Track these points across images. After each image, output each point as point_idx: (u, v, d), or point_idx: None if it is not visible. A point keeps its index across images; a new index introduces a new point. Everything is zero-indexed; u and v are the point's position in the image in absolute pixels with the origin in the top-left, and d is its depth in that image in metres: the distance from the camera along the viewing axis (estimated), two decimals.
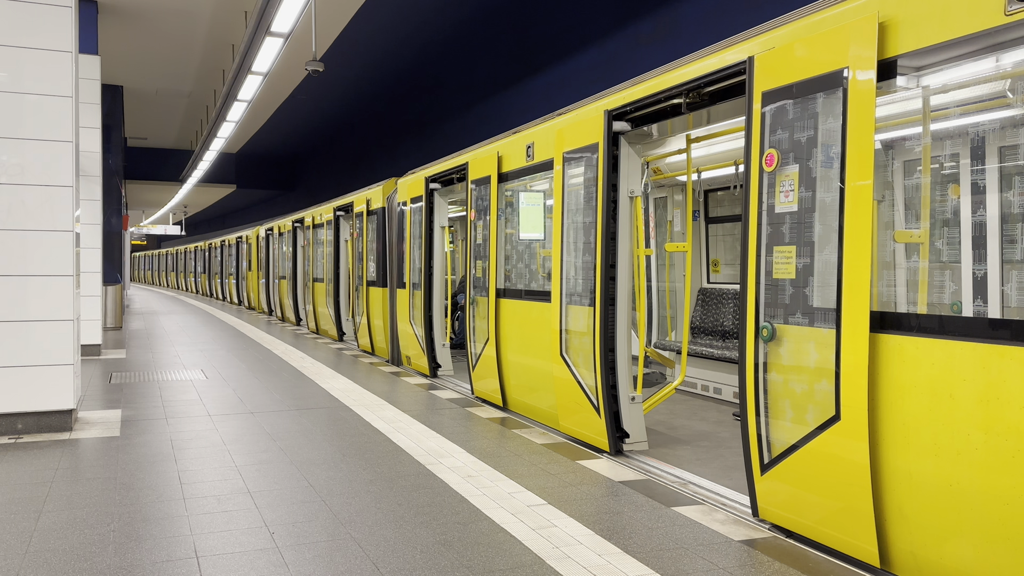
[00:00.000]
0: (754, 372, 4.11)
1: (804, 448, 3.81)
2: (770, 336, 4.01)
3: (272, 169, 32.88)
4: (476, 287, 8.05)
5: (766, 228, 4.08)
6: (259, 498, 4.52)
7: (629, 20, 11.65)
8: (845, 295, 3.55)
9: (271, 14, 9.97)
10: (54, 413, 6.30)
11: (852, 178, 3.55)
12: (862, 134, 3.50)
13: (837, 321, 3.59)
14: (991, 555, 3.02)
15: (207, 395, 8.04)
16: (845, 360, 3.54)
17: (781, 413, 3.97)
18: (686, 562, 3.60)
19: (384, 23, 15.30)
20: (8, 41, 6.14)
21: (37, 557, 3.59)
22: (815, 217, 3.78)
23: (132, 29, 14.03)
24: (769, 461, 4.05)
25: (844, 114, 3.59)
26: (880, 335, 3.42)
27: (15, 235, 6.17)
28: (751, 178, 4.17)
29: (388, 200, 11.47)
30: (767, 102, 4.09)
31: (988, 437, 3.00)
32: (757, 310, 4.09)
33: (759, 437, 4.10)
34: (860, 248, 3.50)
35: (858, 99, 3.52)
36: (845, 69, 3.58)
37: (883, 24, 3.45)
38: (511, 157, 7.37)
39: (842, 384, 3.56)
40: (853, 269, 3.52)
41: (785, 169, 3.99)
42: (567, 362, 6.11)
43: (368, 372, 10.00)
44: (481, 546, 3.78)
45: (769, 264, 4.05)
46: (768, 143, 4.09)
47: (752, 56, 4.21)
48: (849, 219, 3.55)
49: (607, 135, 5.60)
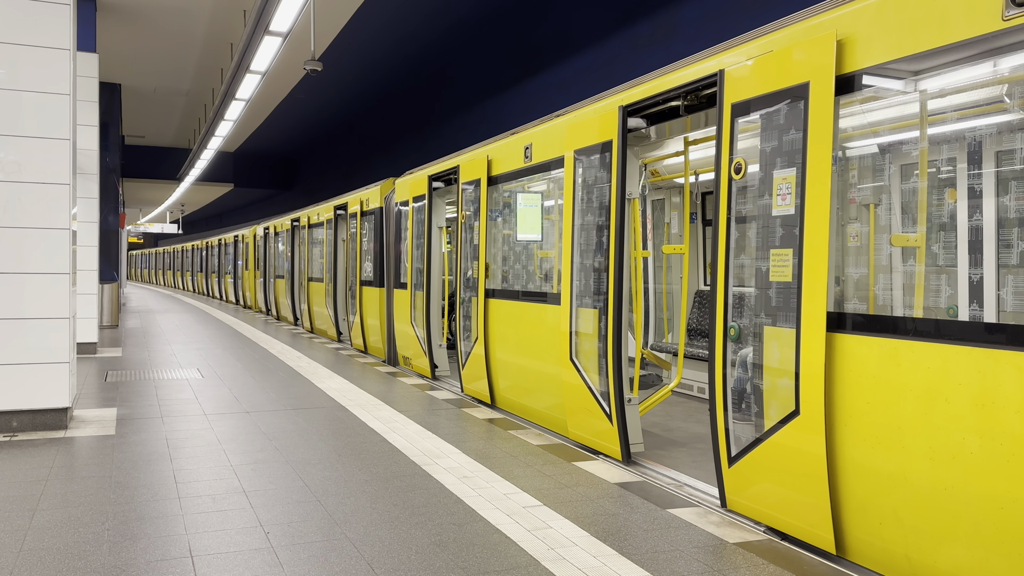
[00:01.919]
0: (723, 369, 4.34)
1: (767, 441, 4.04)
2: (737, 335, 4.27)
3: (270, 168, 32.86)
4: (467, 287, 8.10)
5: (735, 233, 4.33)
6: (254, 498, 4.51)
7: (628, 22, 11.66)
8: (804, 297, 3.78)
9: (270, 13, 9.96)
10: (49, 411, 6.28)
11: (811, 186, 3.78)
12: (821, 144, 3.73)
13: (797, 322, 3.83)
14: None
15: (203, 394, 8.02)
16: (804, 358, 3.77)
17: (747, 407, 4.20)
18: (681, 564, 3.60)
19: (383, 23, 15.30)
20: (6, 38, 6.13)
21: (31, 555, 3.58)
22: (778, 223, 4.00)
23: (130, 27, 14.01)
24: (736, 454, 4.28)
25: (805, 125, 3.83)
26: (835, 334, 3.66)
27: (12, 232, 6.16)
28: (720, 185, 4.41)
29: (386, 200, 11.47)
30: (736, 113, 4.33)
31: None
32: (726, 311, 4.35)
33: (726, 431, 4.34)
34: (818, 253, 3.72)
35: (818, 111, 3.76)
36: (806, 83, 3.84)
37: (841, 41, 3.70)
38: (502, 160, 7.39)
39: (801, 380, 3.79)
40: (811, 272, 3.75)
41: (752, 177, 4.21)
42: (577, 367, 5.92)
43: (365, 372, 9.99)
44: (476, 547, 3.77)
45: (738, 267, 4.32)
46: (737, 152, 4.34)
47: (723, 69, 4.45)
48: (808, 225, 3.79)
49: (621, 132, 5.41)
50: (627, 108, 5.41)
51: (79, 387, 8.34)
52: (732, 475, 4.31)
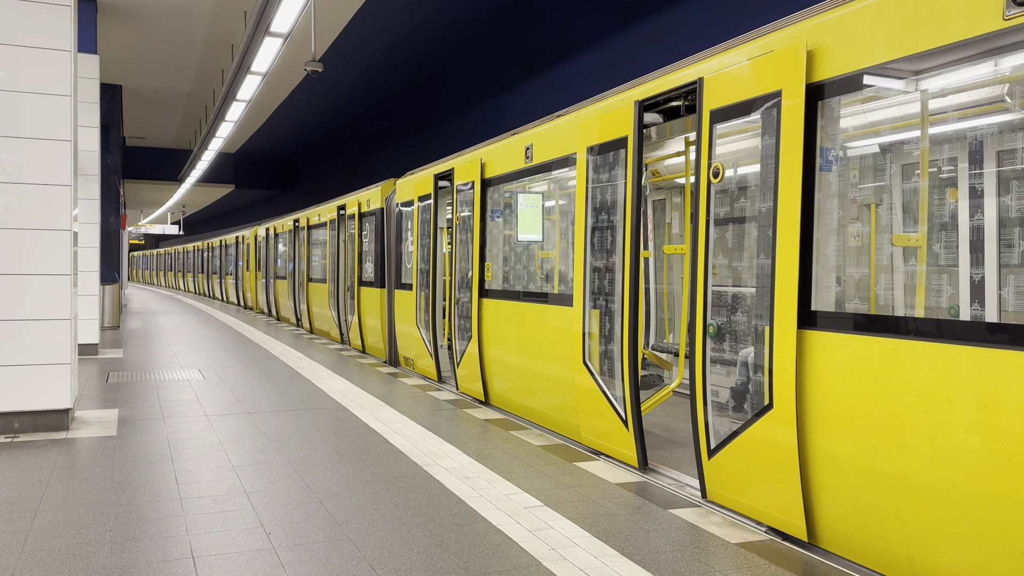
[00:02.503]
0: (702, 366, 4.54)
1: (744, 434, 4.23)
2: (716, 333, 4.51)
3: (271, 169, 32.86)
4: (463, 288, 8.18)
5: (713, 235, 4.57)
6: (256, 498, 4.51)
7: (628, 22, 11.66)
8: (777, 295, 3.98)
9: (270, 14, 9.97)
10: (51, 412, 6.29)
11: (783, 189, 3.96)
12: (792, 150, 3.90)
13: (770, 319, 4.02)
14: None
15: (204, 395, 8.03)
16: (777, 354, 3.96)
17: (725, 402, 4.42)
18: (682, 564, 3.60)
19: (383, 24, 15.30)
20: (7, 40, 6.14)
21: (33, 556, 3.58)
22: (753, 225, 4.20)
23: (131, 28, 14.03)
24: (715, 446, 4.47)
25: (777, 132, 4.01)
26: (805, 331, 3.84)
27: (13, 234, 6.17)
28: (700, 189, 4.60)
29: (387, 201, 11.47)
30: (715, 120, 4.52)
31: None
32: (705, 309, 4.55)
33: (706, 424, 4.52)
34: (789, 252, 3.90)
35: (789, 118, 3.94)
36: (779, 92, 4.02)
37: (811, 52, 3.87)
38: (497, 162, 7.42)
39: (775, 375, 3.98)
40: (783, 271, 3.94)
41: (730, 181, 4.43)
42: (590, 370, 5.76)
43: (365, 373, 9.99)
44: (478, 548, 3.77)
45: (717, 267, 4.55)
46: (715, 157, 4.54)
47: (702, 78, 4.62)
48: (781, 226, 3.97)
49: (637, 127, 5.28)
50: (643, 103, 5.29)
51: (80, 388, 8.35)
52: (712, 467, 4.49)
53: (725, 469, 4.38)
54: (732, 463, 4.32)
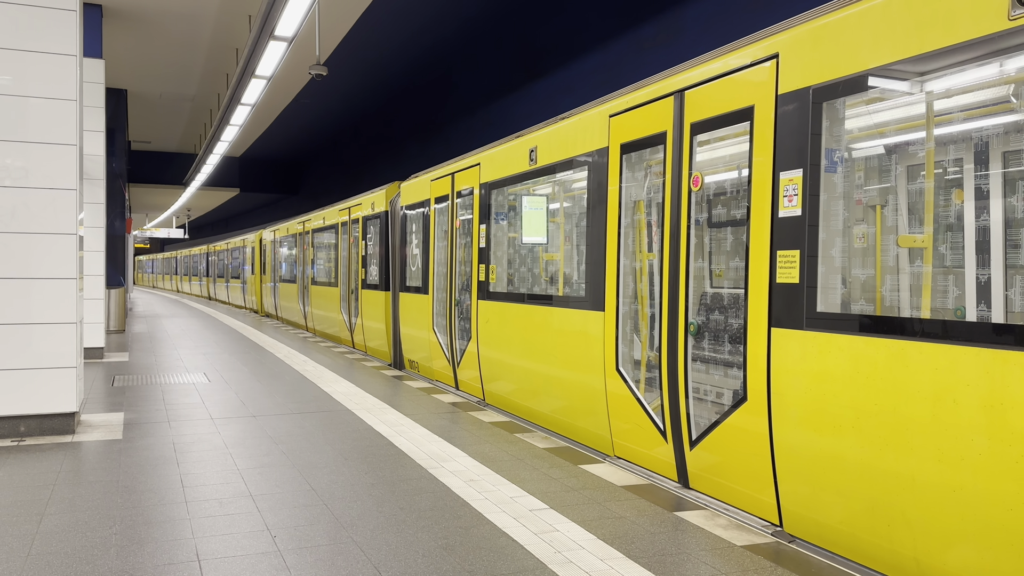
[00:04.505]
0: (684, 362, 4.78)
1: (722, 424, 4.47)
2: (696, 331, 4.77)
3: (276, 172, 32.91)
4: (465, 290, 8.20)
5: (694, 239, 4.76)
6: (261, 501, 4.52)
7: (632, 24, 11.66)
8: (750, 295, 4.20)
9: (275, 18, 9.99)
10: (57, 416, 6.30)
11: (756, 197, 4.15)
12: (765, 161, 4.08)
13: (745, 317, 4.26)
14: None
15: (209, 398, 8.04)
16: (750, 350, 4.21)
17: (705, 396, 4.76)
18: (689, 567, 3.59)
19: (387, 27, 15.33)
20: (13, 45, 6.16)
21: (39, 560, 3.59)
22: (729, 230, 4.49)
23: (136, 33, 14.07)
24: (696, 437, 4.70)
25: (751, 142, 4.21)
26: (775, 329, 4.05)
27: (19, 238, 6.19)
28: (681, 197, 4.79)
29: (391, 204, 11.48)
30: (694, 132, 4.70)
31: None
32: (686, 309, 4.78)
33: (688, 417, 4.75)
34: (759, 255, 4.12)
35: (761, 130, 4.12)
36: (752, 106, 4.20)
37: (783, 65, 4.02)
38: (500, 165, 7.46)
39: (748, 369, 4.22)
40: (755, 274, 4.17)
41: (708, 189, 4.63)
42: (624, 377, 5.45)
43: (370, 376, 9.99)
44: (483, 550, 3.77)
45: (698, 270, 4.81)
46: (695, 167, 4.70)
47: (681, 90, 4.81)
48: (753, 231, 4.17)
49: (678, 121, 4.87)
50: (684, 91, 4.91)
51: (86, 392, 8.37)
52: (693, 457, 4.75)
53: (705, 458, 4.65)
54: (712, 452, 4.60)
